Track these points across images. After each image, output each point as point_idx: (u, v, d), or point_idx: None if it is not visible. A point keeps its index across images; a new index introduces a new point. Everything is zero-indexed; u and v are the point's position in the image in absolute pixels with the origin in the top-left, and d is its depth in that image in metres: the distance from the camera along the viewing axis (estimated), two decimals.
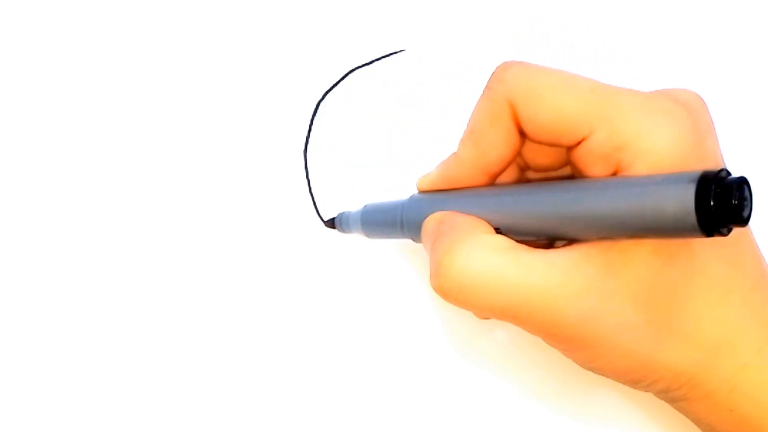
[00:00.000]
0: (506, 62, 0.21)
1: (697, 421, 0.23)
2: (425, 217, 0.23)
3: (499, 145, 0.22)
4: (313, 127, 0.31)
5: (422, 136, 0.31)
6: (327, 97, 0.32)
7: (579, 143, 0.20)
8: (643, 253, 0.19)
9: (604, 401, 0.28)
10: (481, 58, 0.32)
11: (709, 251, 0.20)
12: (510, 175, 0.24)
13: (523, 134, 0.22)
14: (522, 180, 0.25)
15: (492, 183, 0.23)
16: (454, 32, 0.32)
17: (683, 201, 0.16)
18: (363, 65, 0.32)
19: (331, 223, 0.30)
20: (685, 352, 0.20)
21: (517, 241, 0.21)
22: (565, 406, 0.28)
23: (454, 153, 0.23)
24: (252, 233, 0.30)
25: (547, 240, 0.22)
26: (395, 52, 0.32)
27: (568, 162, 0.23)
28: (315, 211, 0.31)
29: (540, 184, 0.21)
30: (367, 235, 0.28)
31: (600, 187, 0.19)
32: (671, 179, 0.17)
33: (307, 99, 0.32)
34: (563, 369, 0.28)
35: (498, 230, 0.21)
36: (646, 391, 0.23)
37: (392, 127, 0.31)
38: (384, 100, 0.32)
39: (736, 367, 0.21)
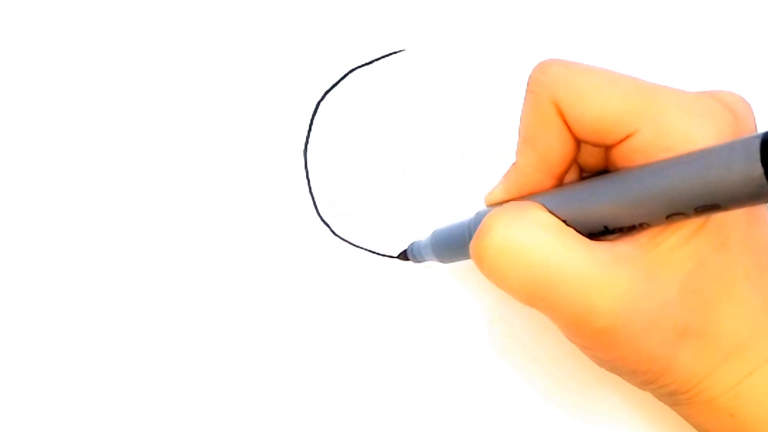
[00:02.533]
0: (544, 62, 0.21)
1: (697, 426, 0.23)
2: None
3: (556, 146, 0.21)
4: (313, 127, 0.31)
5: (422, 136, 0.31)
6: (327, 97, 0.32)
7: (622, 141, 0.20)
8: (680, 256, 0.19)
9: (612, 402, 0.28)
10: (482, 58, 0.32)
11: (739, 258, 0.20)
12: (572, 174, 0.24)
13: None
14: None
15: (559, 184, 0.23)
16: (454, 32, 0.32)
17: (749, 155, 0.16)
18: (363, 65, 0.32)
19: (403, 256, 0.29)
20: (701, 356, 0.20)
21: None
22: (588, 411, 0.28)
23: (514, 163, 0.23)
24: (251, 233, 0.30)
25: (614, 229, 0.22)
26: (395, 52, 0.32)
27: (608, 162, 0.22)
28: (315, 210, 0.31)
29: (600, 176, 0.21)
30: (441, 260, 0.27)
31: (661, 164, 0.19)
32: (734, 143, 0.17)
33: (307, 99, 0.32)
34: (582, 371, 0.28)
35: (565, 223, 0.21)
36: (653, 392, 0.23)
37: (392, 127, 0.31)
38: (384, 100, 0.32)
39: (744, 374, 0.21)
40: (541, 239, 0.19)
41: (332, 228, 0.30)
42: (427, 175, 0.31)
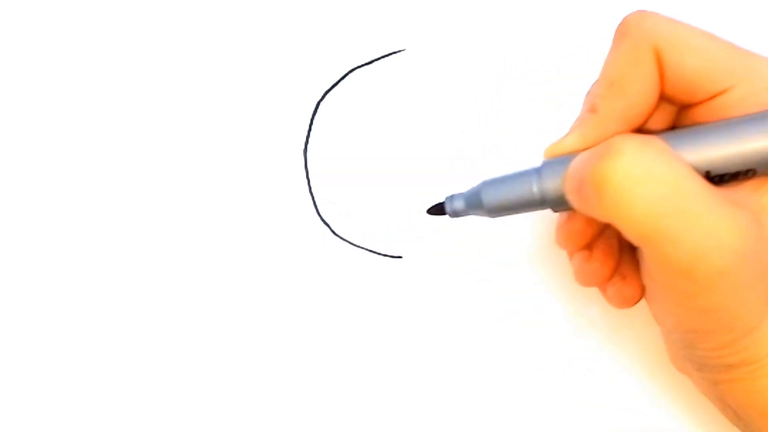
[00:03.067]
0: (641, 11, 0.21)
1: (741, 406, 0.23)
2: None
3: (645, 92, 0.21)
4: (313, 127, 0.31)
5: (422, 136, 0.31)
6: (327, 97, 0.32)
7: (711, 98, 0.20)
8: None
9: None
10: (482, 58, 0.32)
11: None
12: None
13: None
14: None
15: None
16: (454, 32, 0.32)
17: None
18: (363, 65, 0.32)
19: (436, 210, 0.26)
20: None
21: None
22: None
23: (590, 111, 0.22)
24: (251, 233, 0.30)
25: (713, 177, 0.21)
26: (395, 52, 0.32)
27: (677, 122, 0.22)
28: (315, 210, 0.31)
29: (694, 126, 0.21)
30: (490, 213, 0.25)
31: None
32: None
33: (307, 99, 0.32)
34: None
35: None
36: (716, 362, 0.22)
37: (392, 127, 0.31)
38: (384, 100, 0.32)
39: None
40: (673, 166, 0.18)
41: (332, 228, 0.30)
42: (427, 175, 0.31)
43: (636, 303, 0.24)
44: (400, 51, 0.32)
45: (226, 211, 0.31)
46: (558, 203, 0.23)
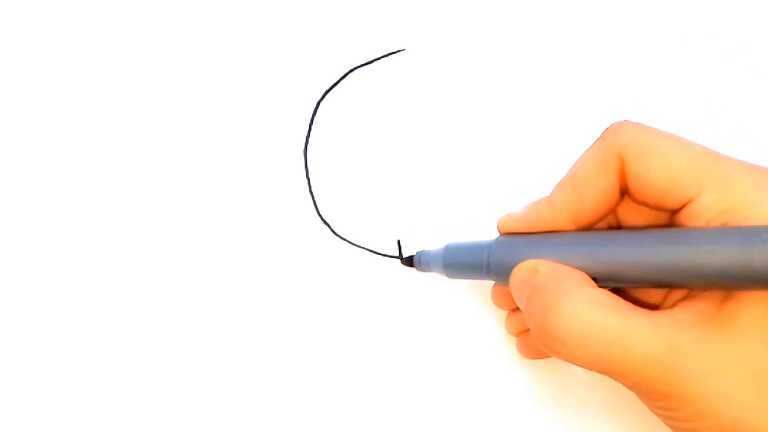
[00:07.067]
0: (622, 120, 0.22)
1: None
2: (515, 261, 0.23)
3: (597, 195, 0.22)
4: (313, 127, 0.31)
5: (422, 136, 0.31)
6: (327, 96, 0.32)
7: (681, 207, 0.20)
8: (743, 324, 0.20)
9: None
10: (482, 58, 0.32)
11: None
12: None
13: (623, 192, 0.22)
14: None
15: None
16: (454, 32, 0.32)
17: None
18: (363, 65, 0.32)
19: (408, 261, 0.29)
20: None
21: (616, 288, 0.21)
22: None
23: (546, 196, 0.23)
24: (251, 233, 0.30)
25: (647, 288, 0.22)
26: (395, 52, 0.32)
27: (668, 224, 0.23)
28: (315, 210, 0.31)
29: (641, 232, 0.21)
30: (448, 275, 0.27)
31: (707, 234, 0.19)
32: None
33: (307, 99, 0.32)
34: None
35: (595, 279, 0.21)
36: None
37: (392, 127, 0.31)
38: (384, 100, 0.32)
39: None
40: (603, 324, 0.20)
41: (332, 228, 0.30)
42: (427, 175, 0.31)
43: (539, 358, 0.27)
44: (400, 51, 0.32)
45: (226, 210, 0.31)
46: (504, 281, 0.24)
